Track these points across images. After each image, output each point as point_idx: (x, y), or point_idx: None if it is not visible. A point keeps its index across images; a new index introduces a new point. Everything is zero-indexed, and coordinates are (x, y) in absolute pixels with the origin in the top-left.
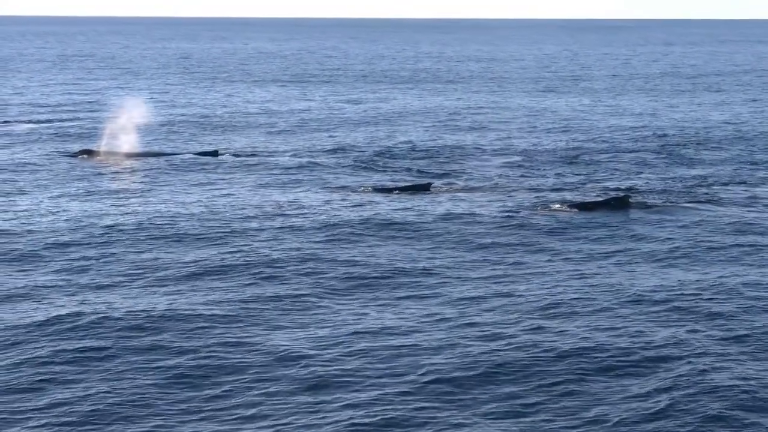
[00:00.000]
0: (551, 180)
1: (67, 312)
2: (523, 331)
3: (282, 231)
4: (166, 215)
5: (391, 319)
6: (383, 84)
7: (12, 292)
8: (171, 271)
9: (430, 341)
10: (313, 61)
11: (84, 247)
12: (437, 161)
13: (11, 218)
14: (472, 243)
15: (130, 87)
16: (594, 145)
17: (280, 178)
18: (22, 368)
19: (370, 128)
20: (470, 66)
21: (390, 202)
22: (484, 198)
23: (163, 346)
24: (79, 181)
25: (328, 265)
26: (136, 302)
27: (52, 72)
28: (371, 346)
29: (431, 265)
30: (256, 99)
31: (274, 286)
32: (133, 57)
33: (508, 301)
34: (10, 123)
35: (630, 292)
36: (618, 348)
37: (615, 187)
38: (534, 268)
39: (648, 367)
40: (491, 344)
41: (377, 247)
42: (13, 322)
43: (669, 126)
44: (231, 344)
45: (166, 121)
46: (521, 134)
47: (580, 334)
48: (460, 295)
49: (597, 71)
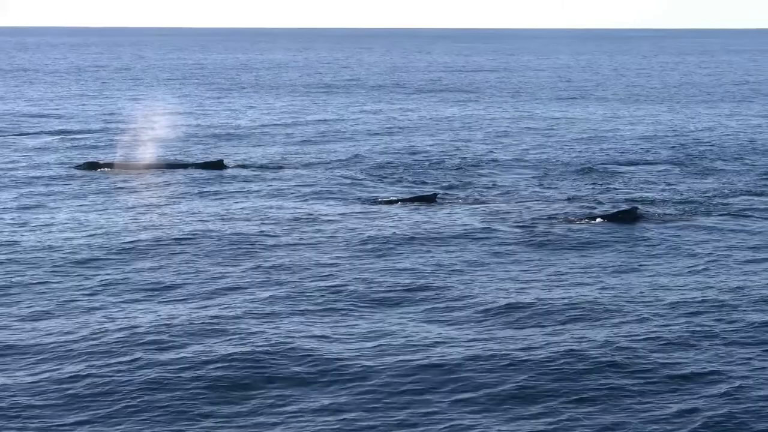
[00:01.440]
0: (562, 191)
1: (93, 327)
2: (553, 342)
3: (293, 243)
4: (179, 228)
5: (423, 330)
6: (397, 94)
7: (36, 308)
8: (191, 286)
9: (463, 353)
10: (329, 72)
11: (102, 262)
12: (449, 172)
13: (27, 232)
14: (477, 254)
15: (143, 98)
16: (608, 155)
17: (288, 190)
18: (52, 385)
19: (382, 138)
20: (485, 76)
21: (395, 213)
22: (490, 209)
23: (192, 358)
24: (92, 195)
25: (343, 277)
26: (160, 315)
27: (67, 83)
28: (398, 354)
29: (448, 276)
30: (268, 109)
31: (300, 299)
32: (146, 67)
33: (526, 312)
34: (25, 135)
35: (641, 304)
36: (650, 363)
37: (627, 198)
38: (537, 280)
39: (678, 382)
40: (521, 355)
41: (394, 258)
42: (40, 338)
43: (684, 136)
44: (260, 355)
45: (180, 132)
46: (535, 145)
47: (606, 346)
48: (482, 306)
49: (612, 81)
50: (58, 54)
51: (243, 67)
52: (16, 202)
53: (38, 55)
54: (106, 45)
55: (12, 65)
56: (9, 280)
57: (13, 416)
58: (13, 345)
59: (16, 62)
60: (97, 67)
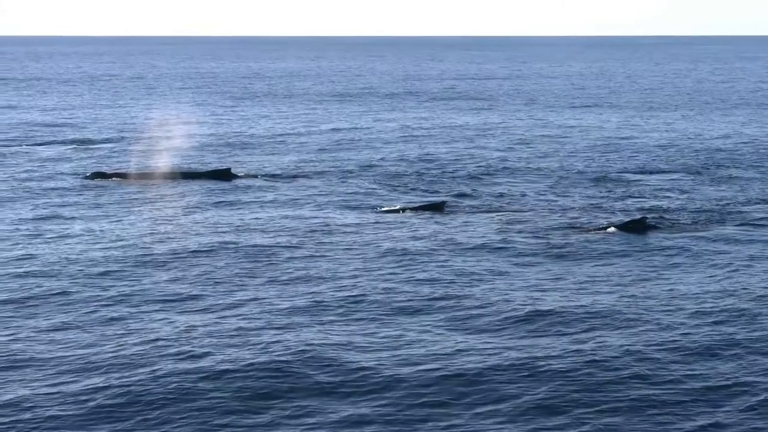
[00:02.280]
0: (575, 200)
1: (113, 338)
2: (574, 352)
3: (308, 252)
4: (193, 238)
5: (444, 339)
6: (410, 102)
7: (54, 320)
8: (209, 296)
9: (485, 363)
10: (342, 80)
11: (118, 273)
12: (461, 180)
13: (41, 243)
14: (492, 263)
15: (156, 107)
16: (622, 163)
17: (300, 199)
18: (73, 397)
19: (396, 147)
20: (498, 84)
21: (406, 221)
22: (502, 218)
23: (212, 368)
24: (102, 205)
25: (361, 287)
26: (179, 326)
27: (80, 92)
28: (418, 364)
29: (466, 286)
30: (281, 118)
31: (319, 309)
32: (159, 76)
33: (545, 321)
34: (38, 144)
35: (661, 313)
36: (672, 373)
37: (641, 207)
38: (554, 288)
39: (701, 393)
40: (543, 365)
41: (411, 267)
42: (59, 350)
43: (699, 144)
44: (281, 365)
45: (192, 141)
46: (548, 153)
47: (628, 356)
48: (502, 315)
49: (625, 89)
50: (70, 63)
51: (255, 76)
52: (30, 213)
53: (51, 65)
54: (118, 54)
55: (25, 74)
56: (26, 292)
57: (33, 428)
58: (33, 357)
59: (29, 71)
60: (109, 76)
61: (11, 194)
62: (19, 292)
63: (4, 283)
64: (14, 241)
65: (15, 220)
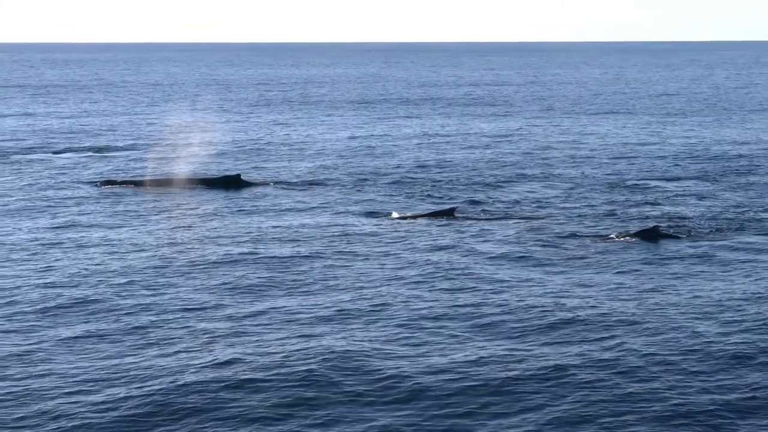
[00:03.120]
0: (589, 207)
1: (136, 348)
2: (602, 361)
3: (326, 260)
4: (208, 247)
5: (469, 347)
6: (427, 108)
7: (76, 330)
8: (230, 306)
9: (512, 371)
10: (357, 87)
11: (139, 283)
12: (475, 187)
13: (59, 252)
14: (509, 270)
15: (172, 114)
16: (638, 170)
17: (315, 205)
18: (95, 408)
19: (411, 153)
20: (514, 90)
21: (420, 228)
22: (514, 225)
23: (238, 379)
24: (119, 214)
25: (383, 294)
26: (202, 335)
27: (97, 99)
28: (445, 372)
29: (487, 293)
30: (296, 125)
31: (343, 317)
32: (174, 83)
33: (572, 330)
34: (56, 152)
35: (689, 319)
36: (707, 384)
37: (657, 215)
38: (576, 296)
39: (735, 403)
40: (573, 374)
41: (430, 274)
42: (82, 361)
43: (716, 151)
44: (309, 373)
45: (208, 148)
46: (564, 159)
47: (657, 365)
48: (525, 323)
49: (641, 94)
50: (86, 70)
51: (271, 83)
52: (47, 222)
53: (67, 71)
54: (134, 61)
55: (41, 81)
56: (46, 302)
57: None
58: (54, 367)
59: (46, 78)
60: (125, 83)
61: (28, 203)
62: (39, 302)
63: (24, 293)
64: (32, 251)
65: (32, 228)
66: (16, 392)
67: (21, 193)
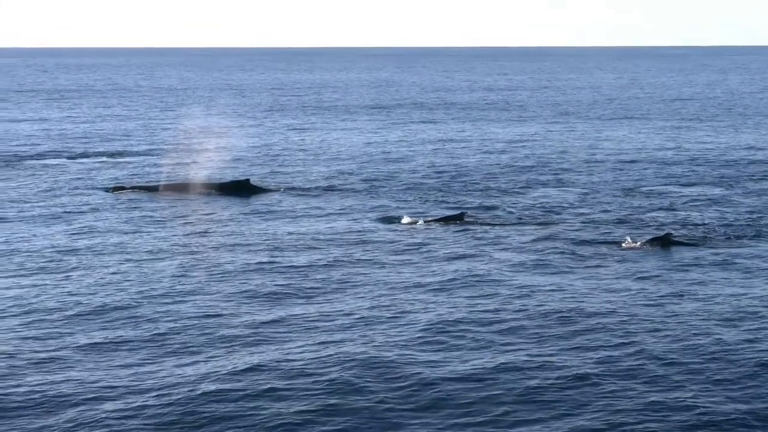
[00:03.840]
0: (602, 213)
1: (163, 359)
2: (635, 368)
3: (341, 265)
4: (227, 254)
5: (506, 355)
6: (439, 113)
7: (96, 338)
8: (248, 315)
9: (548, 379)
10: (370, 91)
11: (155, 291)
12: (489, 192)
13: (75, 262)
14: (526, 276)
15: (185, 119)
16: (652, 176)
17: (331, 211)
18: (118, 419)
19: (426, 159)
20: (527, 95)
21: (428, 233)
22: (525, 231)
23: (283, 388)
24: (132, 221)
25: (405, 302)
26: (229, 346)
27: (111, 104)
28: (485, 380)
29: (512, 299)
30: (310, 130)
31: (369, 323)
32: (188, 88)
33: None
34: (70, 157)
35: (714, 326)
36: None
37: (671, 221)
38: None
39: None
40: (620, 385)
41: (449, 279)
42: (104, 372)
43: (730, 156)
44: (336, 383)
45: (222, 153)
46: (577, 165)
47: (679, 378)
48: (542, 331)
49: (655, 99)
50: (99, 75)
51: (284, 87)
52: (62, 228)
53: (80, 76)
54: (148, 66)
55: (56, 86)
56: (65, 311)
57: None
58: (72, 376)
59: (60, 83)
60: (139, 87)
61: (44, 209)
62: (57, 310)
63: (41, 301)
64: (49, 257)
65: (48, 234)
66: (35, 399)
67: (36, 199)
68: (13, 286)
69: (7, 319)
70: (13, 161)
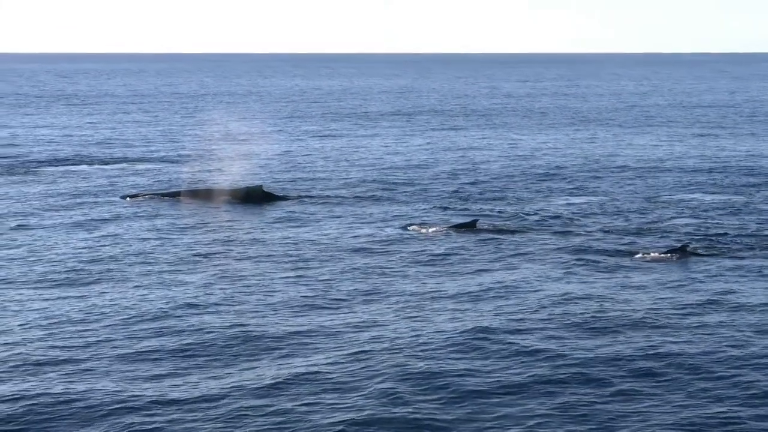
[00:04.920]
0: (620, 222)
1: (203, 381)
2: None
3: (359, 275)
4: (247, 262)
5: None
6: (459, 120)
7: (124, 353)
8: (272, 327)
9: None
10: (389, 98)
11: (184, 305)
12: (508, 199)
13: (93, 266)
14: (543, 284)
15: (203, 125)
16: (671, 184)
17: (332, 217)
18: None
19: (445, 166)
20: (547, 102)
21: (443, 240)
22: (543, 238)
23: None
24: (155, 230)
25: (429, 312)
26: (253, 360)
27: (129, 110)
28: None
29: (524, 307)
30: (329, 136)
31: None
32: (205, 94)
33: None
34: (89, 164)
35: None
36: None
37: (689, 232)
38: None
39: None
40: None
41: (470, 285)
42: (133, 390)
43: (751, 165)
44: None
45: (239, 159)
46: (596, 171)
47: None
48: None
49: (675, 106)
50: (118, 81)
51: (303, 93)
52: (81, 235)
53: (98, 82)
54: (165, 71)
55: (75, 91)
56: (92, 323)
57: None
58: (97, 388)
59: (79, 89)
60: (158, 93)
61: (65, 219)
62: (82, 322)
63: (66, 312)
64: (70, 266)
65: (70, 243)
66: (61, 410)
67: (57, 207)
68: (38, 297)
69: (33, 329)
70: (33, 167)
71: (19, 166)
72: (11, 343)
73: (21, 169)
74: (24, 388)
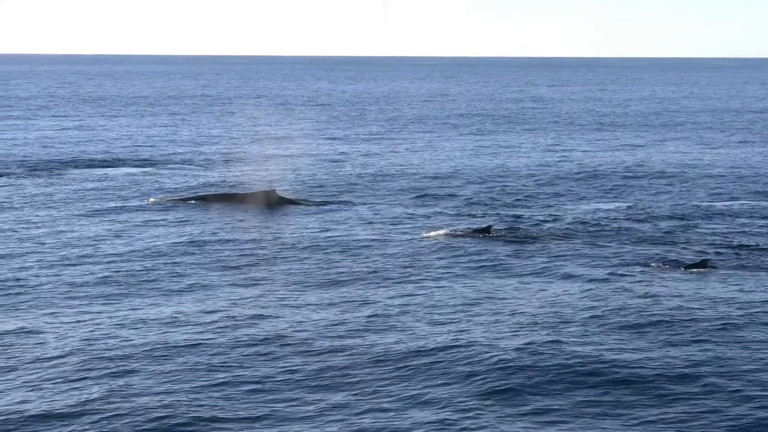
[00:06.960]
0: (647, 231)
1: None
2: None
3: (382, 281)
4: (271, 267)
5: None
6: (484, 124)
7: (151, 370)
8: (299, 336)
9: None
10: (417, 103)
11: (221, 322)
12: (526, 205)
13: (125, 285)
14: (559, 295)
15: (229, 128)
16: (698, 193)
17: (345, 222)
18: None
19: (469, 173)
20: (573, 106)
21: (459, 246)
22: (563, 246)
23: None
24: (188, 234)
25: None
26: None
27: (157, 111)
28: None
29: (546, 316)
30: (354, 141)
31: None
32: (232, 97)
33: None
34: (112, 166)
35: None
36: None
37: (715, 243)
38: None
39: None
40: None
41: (490, 291)
42: (169, 401)
43: None
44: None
45: (263, 163)
46: (624, 177)
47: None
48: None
49: (705, 112)
50: (144, 83)
51: (328, 97)
52: (102, 238)
53: (125, 83)
54: (192, 74)
55: (104, 93)
56: (128, 331)
57: None
58: (137, 402)
59: (109, 91)
60: (183, 96)
61: (86, 221)
62: (118, 332)
63: (101, 320)
64: (90, 271)
65: (97, 247)
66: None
67: (78, 204)
68: (73, 307)
69: (67, 339)
70: (57, 169)
71: (43, 167)
72: (49, 357)
73: (45, 172)
74: (59, 399)
